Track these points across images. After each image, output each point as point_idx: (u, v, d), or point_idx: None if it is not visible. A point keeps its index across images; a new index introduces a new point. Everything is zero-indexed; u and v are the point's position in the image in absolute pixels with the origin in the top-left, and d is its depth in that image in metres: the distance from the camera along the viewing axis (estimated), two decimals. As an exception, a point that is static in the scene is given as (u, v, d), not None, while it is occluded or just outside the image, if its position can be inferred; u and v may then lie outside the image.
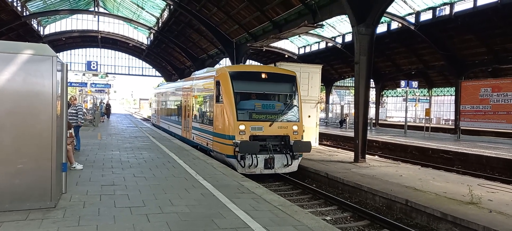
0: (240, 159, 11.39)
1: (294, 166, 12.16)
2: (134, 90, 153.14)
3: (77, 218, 5.32)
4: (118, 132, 21.46)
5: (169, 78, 61.30)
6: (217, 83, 12.51)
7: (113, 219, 5.33)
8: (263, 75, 12.43)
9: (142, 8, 44.30)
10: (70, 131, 10.50)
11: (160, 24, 44.43)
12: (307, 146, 12.06)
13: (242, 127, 11.45)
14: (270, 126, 11.77)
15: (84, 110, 12.70)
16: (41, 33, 46.59)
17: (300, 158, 12.42)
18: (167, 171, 9.31)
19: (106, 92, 41.59)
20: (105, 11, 50.37)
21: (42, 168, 5.53)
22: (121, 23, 53.51)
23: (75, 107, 12.04)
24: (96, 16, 46.91)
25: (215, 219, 5.53)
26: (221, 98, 12.08)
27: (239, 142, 11.15)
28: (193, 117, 16.10)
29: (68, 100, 12.82)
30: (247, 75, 12.94)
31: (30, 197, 5.51)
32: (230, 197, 6.84)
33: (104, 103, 38.85)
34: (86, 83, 28.67)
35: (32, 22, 41.06)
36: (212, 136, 12.84)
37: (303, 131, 12.87)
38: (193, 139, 15.83)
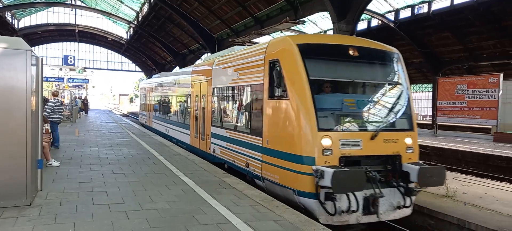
0: (325, 199, 6.51)
1: (409, 208, 7.19)
2: (114, 86, 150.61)
3: (54, 215, 5.19)
4: (97, 128, 21.06)
5: (149, 73, 60.49)
6: (273, 65, 7.68)
7: (91, 216, 5.24)
8: (352, 51, 7.58)
9: (121, 2, 43.52)
10: (46, 127, 10.25)
11: (140, 18, 43.78)
12: (440, 174, 7.02)
13: (327, 142, 6.65)
14: (371, 138, 6.95)
15: (58, 106, 12.11)
16: (16, 26, 45.22)
17: (417, 194, 7.30)
18: (147, 167, 9.20)
19: (84, 88, 40.70)
20: (83, 4, 49.23)
21: (17, 165, 5.38)
22: (100, 16, 52.46)
23: (48, 103, 11.72)
24: (73, 9, 45.81)
25: (196, 215, 5.50)
26: (283, 90, 7.30)
27: (325, 169, 6.26)
28: (212, 119, 11.27)
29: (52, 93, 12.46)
30: (328, 50, 7.68)
31: (5, 195, 5.35)
32: (211, 193, 6.82)
33: (80, 99, 37.93)
34: (63, 78, 28.00)
35: (6, 15, 39.74)
36: (261, 153, 7.98)
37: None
38: (212, 151, 10.98)
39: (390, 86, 8.00)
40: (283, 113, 7.31)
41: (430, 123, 32.92)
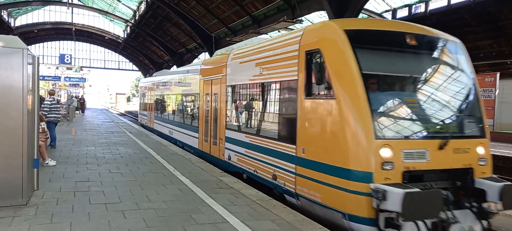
0: (385, 226, 5.20)
1: None
2: (111, 85, 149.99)
3: (50, 215, 5.17)
4: (94, 127, 20.99)
5: (146, 72, 60.39)
6: (311, 57, 6.40)
7: (87, 216, 5.22)
8: (410, 40, 6.17)
9: (119, 0, 43.37)
10: (43, 126, 10.20)
11: (137, 17, 43.67)
12: None
13: (387, 153, 5.32)
14: (440, 148, 5.58)
15: (54, 104, 12.03)
16: (12, 24, 45.03)
17: (493, 216, 5.89)
18: (144, 166, 9.18)
19: (81, 87, 40.59)
20: (80, 3, 49.05)
21: (13, 165, 5.36)
22: (97, 15, 52.29)
23: (45, 102, 11.66)
24: (70, 8, 45.62)
25: (193, 214, 5.49)
26: (326, 87, 5.92)
27: (389, 189, 4.96)
28: (227, 121, 9.96)
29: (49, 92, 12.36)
30: (382, 38, 6.18)
31: (0, 194, 5.32)
32: (208, 192, 6.81)
33: (77, 98, 37.76)
34: (59, 77, 27.91)
35: (2, 13, 39.56)
36: (294, 164, 6.68)
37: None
38: (227, 158, 9.76)
39: (456, 82, 6.48)
40: (326, 115, 5.92)
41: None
